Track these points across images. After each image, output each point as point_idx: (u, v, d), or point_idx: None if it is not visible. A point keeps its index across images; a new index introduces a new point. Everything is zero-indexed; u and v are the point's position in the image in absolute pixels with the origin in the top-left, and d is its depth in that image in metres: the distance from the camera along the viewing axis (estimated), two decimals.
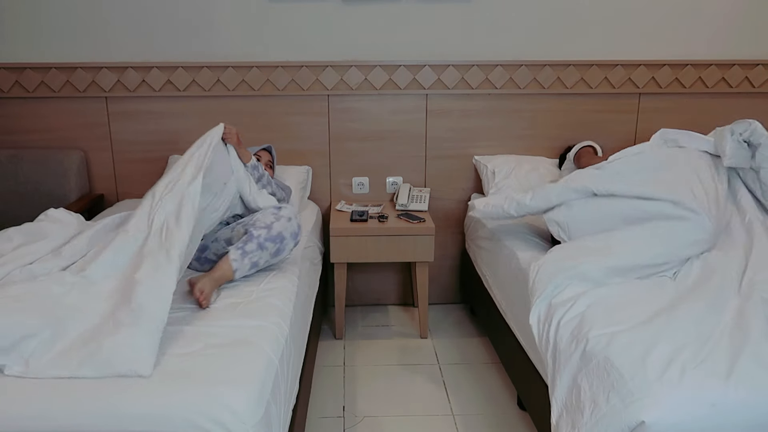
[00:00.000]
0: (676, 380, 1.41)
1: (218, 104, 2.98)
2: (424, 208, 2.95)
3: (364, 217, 2.79)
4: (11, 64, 2.87)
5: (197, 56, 2.93)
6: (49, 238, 1.99)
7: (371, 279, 3.25)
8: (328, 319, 3.13)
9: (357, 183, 3.12)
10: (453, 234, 3.21)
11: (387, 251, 2.75)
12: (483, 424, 2.26)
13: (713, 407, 1.36)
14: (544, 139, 3.09)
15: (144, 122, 2.99)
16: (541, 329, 1.81)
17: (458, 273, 3.28)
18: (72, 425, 1.33)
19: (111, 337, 1.47)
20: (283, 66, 2.93)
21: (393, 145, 3.08)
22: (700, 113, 3.10)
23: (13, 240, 1.97)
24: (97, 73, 2.90)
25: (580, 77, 3.00)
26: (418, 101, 3.03)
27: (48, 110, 2.95)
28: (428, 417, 2.30)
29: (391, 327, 3.06)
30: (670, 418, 1.35)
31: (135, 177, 3.03)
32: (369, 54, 2.97)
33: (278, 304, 1.85)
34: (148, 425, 1.33)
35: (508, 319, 2.33)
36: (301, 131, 3.04)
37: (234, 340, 1.59)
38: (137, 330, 1.49)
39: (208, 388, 1.38)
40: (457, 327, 3.06)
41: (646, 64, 3.00)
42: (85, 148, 3.00)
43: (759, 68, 3.04)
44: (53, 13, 2.87)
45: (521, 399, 2.27)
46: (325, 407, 2.36)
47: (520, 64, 2.97)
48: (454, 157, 3.11)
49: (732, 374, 1.41)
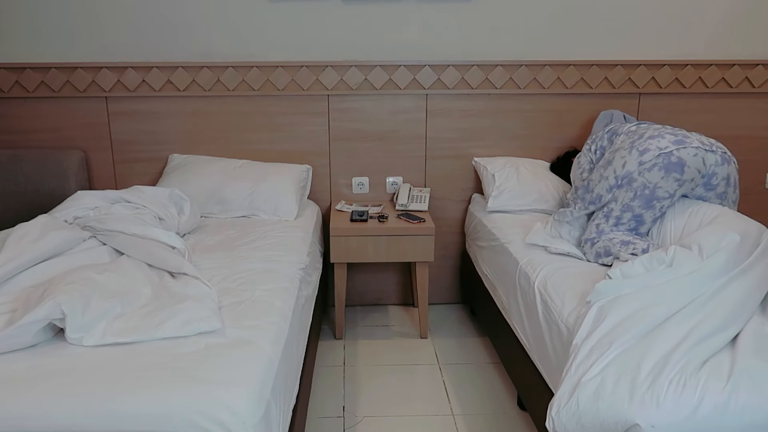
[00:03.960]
0: (673, 383, 1.41)
1: (218, 104, 2.98)
2: (424, 208, 2.95)
3: (364, 217, 2.79)
4: (11, 64, 2.87)
5: (197, 56, 2.93)
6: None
7: (371, 279, 3.25)
8: (328, 319, 3.13)
9: (357, 183, 3.12)
10: (453, 234, 3.21)
11: (387, 251, 2.75)
12: (483, 424, 2.26)
13: (714, 408, 1.37)
14: (544, 139, 3.09)
15: (144, 122, 2.99)
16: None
17: (458, 273, 3.28)
18: (72, 425, 1.33)
19: (180, 304, 1.66)
20: (283, 66, 2.93)
21: (393, 145, 3.08)
22: (700, 113, 3.10)
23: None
24: (97, 73, 2.90)
25: (580, 77, 3.00)
26: (418, 101, 3.03)
27: (48, 110, 2.95)
28: (428, 417, 2.30)
29: (391, 327, 3.06)
30: (665, 421, 1.36)
31: (135, 177, 3.03)
32: (369, 54, 2.97)
33: (278, 304, 1.85)
34: (148, 425, 1.33)
35: (508, 319, 2.33)
36: (301, 131, 3.04)
37: (234, 340, 1.59)
38: (199, 303, 1.69)
39: (208, 388, 1.38)
40: (457, 327, 3.06)
41: (646, 64, 3.00)
42: (85, 148, 3.00)
43: (759, 68, 3.04)
44: (53, 13, 2.87)
45: (521, 399, 2.27)
46: (325, 407, 2.36)
47: (520, 64, 2.97)
48: (454, 157, 3.11)
49: (732, 376, 1.42)
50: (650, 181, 2.16)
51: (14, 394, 1.37)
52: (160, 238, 2.08)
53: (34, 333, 1.51)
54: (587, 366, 1.54)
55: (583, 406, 1.46)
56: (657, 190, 2.17)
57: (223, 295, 1.87)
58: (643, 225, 2.22)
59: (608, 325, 1.63)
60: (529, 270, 2.17)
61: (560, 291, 1.96)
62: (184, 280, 1.88)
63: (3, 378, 1.41)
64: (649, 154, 2.17)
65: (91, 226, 2.15)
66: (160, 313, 1.64)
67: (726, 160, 2.20)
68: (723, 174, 2.20)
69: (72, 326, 1.52)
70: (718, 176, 2.20)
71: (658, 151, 2.16)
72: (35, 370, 1.44)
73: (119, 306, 1.66)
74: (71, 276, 1.70)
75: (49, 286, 1.65)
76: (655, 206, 2.19)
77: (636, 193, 2.19)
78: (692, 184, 2.19)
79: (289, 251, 2.30)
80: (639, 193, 2.18)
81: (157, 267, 1.96)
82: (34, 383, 1.39)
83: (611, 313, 1.66)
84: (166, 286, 1.85)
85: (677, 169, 2.14)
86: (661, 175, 2.15)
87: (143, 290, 1.79)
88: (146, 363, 1.46)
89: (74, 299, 1.55)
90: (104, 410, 1.34)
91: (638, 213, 2.20)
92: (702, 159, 2.16)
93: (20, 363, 1.47)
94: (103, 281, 1.72)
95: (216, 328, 1.61)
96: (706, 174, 2.18)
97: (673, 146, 2.16)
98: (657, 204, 2.19)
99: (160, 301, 1.74)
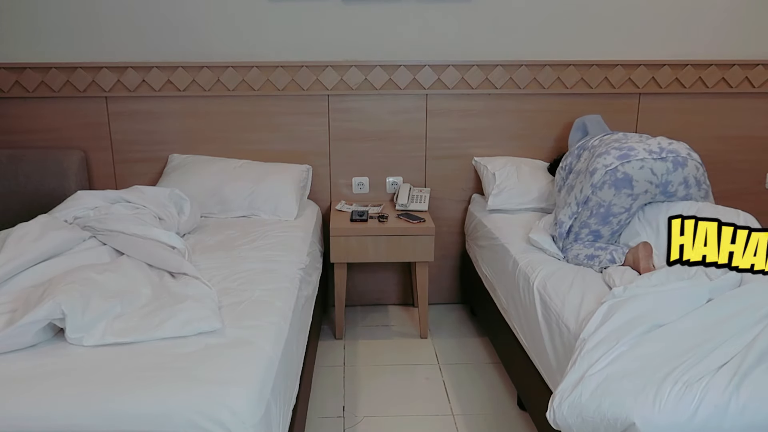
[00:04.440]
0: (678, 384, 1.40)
1: (218, 104, 2.98)
2: (424, 208, 2.95)
3: (364, 217, 2.79)
4: (11, 64, 2.87)
5: (197, 56, 2.93)
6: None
7: (371, 279, 3.25)
8: (328, 319, 3.13)
9: (357, 183, 3.12)
10: (453, 234, 3.21)
11: (387, 251, 2.75)
12: (483, 424, 2.26)
13: (716, 409, 1.37)
14: (544, 139, 3.09)
15: (144, 122, 2.99)
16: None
17: (458, 273, 3.28)
18: (72, 425, 1.33)
19: (180, 304, 1.66)
20: (283, 66, 2.93)
21: (393, 145, 3.08)
22: (700, 113, 3.10)
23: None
24: (97, 73, 2.90)
25: (580, 77, 3.00)
26: (418, 101, 3.03)
27: (48, 110, 2.95)
28: (428, 417, 2.30)
29: (391, 327, 3.06)
30: (666, 421, 1.36)
31: (135, 177, 3.03)
32: (369, 54, 2.97)
33: (278, 304, 1.85)
34: (148, 425, 1.33)
35: (508, 319, 2.33)
36: (301, 131, 3.04)
37: (234, 340, 1.59)
38: (199, 303, 1.69)
39: (208, 388, 1.38)
40: (457, 327, 3.06)
41: (646, 64, 3.00)
42: (85, 148, 3.00)
43: (759, 68, 3.04)
44: (53, 13, 2.87)
45: (521, 399, 2.27)
46: (325, 407, 2.36)
47: (520, 64, 2.97)
48: (454, 157, 3.11)
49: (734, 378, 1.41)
50: (604, 200, 2.17)
51: (14, 394, 1.37)
52: (160, 238, 2.08)
53: (34, 333, 1.51)
54: (592, 361, 1.54)
55: (585, 400, 1.46)
56: (612, 207, 2.17)
57: (223, 295, 1.87)
58: (600, 239, 2.25)
59: (617, 321, 1.63)
60: (529, 270, 2.17)
61: (560, 291, 1.96)
62: (184, 280, 1.88)
63: (3, 378, 1.41)
64: (597, 174, 2.17)
65: (91, 226, 2.15)
66: (160, 313, 1.64)
67: (679, 163, 2.14)
68: (678, 179, 2.15)
69: (72, 326, 1.52)
70: (673, 183, 2.15)
71: (604, 169, 2.15)
72: (35, 370, 1.44)
73: (119, 306, 1.66)
74: (71, 276, 1.70)
75: (49, 286, 1.65)
76: (612, 221, 2.20)
77: (592, 212, 2.20)
78: (647, 195, 2.17)
79: (289, 251, 2.30)
80: (595, 212, 2.20)
81: (157, 267, 1.96)
82: (34, 383, 1.39)
83: (621, 310, 1.66)
84: (166, 286, 1.85)
85: (625, 184, 2.13)
86: (612, 192, 2.15)
87: (143, 290, 1.79)
88: (146, 363, 1.46)
89: (74, 299, 1.55)
90: (104, 410, 1.34)
91: (595, 229, 2.23)
92: (650, 170, 2.12)
93: (20, 363, 1.47)
94: (103, 281, 1.72)
95: (216, 328, 1.61)
96: (659, 183, 2.15)
97: (617, 162, 2.14)
98: (614, 219, 2.20)
99: (160, 301, 1.74)
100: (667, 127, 3.01)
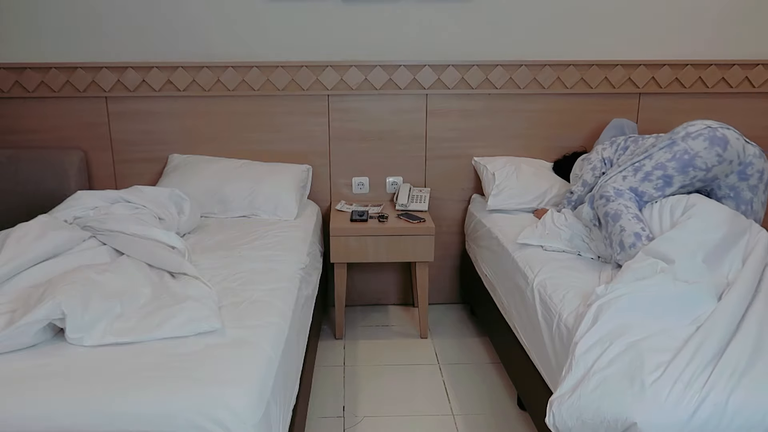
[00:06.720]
0: (677, 383, 1.41)
1: (218, 104, 2.98)
2: (424, 208, 2.95)
3: (364, 217, 2.79)
4: (11, 64, 2.87)
5: (197, 56, 2.93)
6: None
7: (371, 279, 3.25)
8: (328, 319, 3.13)
9: (357, 183, 3.12)
10: (453, 234, 3.21)
11: (387, 251, 2.75)
12: (483, 424, 2.26)
13: (716, 407, 1.37)
14: (544, 139, 3.09)
15: (144, 122, 2.99)
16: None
17: (458, 273, 3.28)
18: (72, 425, 1.33)
19: (180, 304, 1.66)
20: (283, 66, 2.93)
21: (393, 145, 3.08)
22: (700, 113, 3.09)
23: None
24: (97, 73, 2.90)
25: (580, 77, 3.00)
26: (418, 101, 3.03)
27: (48, 110, 2.95)
28: (428, 417, 2.30)
29: (391, 327, 3.06)
30: (666, 420, 1.36)
31: (135, 177, 3.03)
32: (369, 54, 2.97)
33: (278, 304, 1.85)
34: (148, 425, 1.33)
35: (508, 319, 2.33)
36: (301, 131, 3.04)
37: (234, 340, 1.59)
38: (199, 303, 1.69)
39: (208, 388, 1.38)
40: (457, 327, 3.06)
41: (646, 64, 3.00)
42: (85, 148, 3.00)
43: (759, 68, 3.04)
44: (53, 13, 2.87)
45: (521, 399, 2.27)
46: (325, 407, 2.36)
47: (520, 64, 2.97)
48: (454, 157, 3.11)
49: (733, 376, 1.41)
50: (692, 148, 2.15)
51: (14, 394, 1.37)
52: (160, 238, 2.08)
53: (34, 333, 1.51)
54: (589, 363, 1.54)
55: (584, 402, 1.47)
56: (696, 159, 2.15)
57: (223, 295, 1.87)
58: (670, 187, 2.17)
59: (609, 322, 1.63)
60: (528, 270, 2.17)
61: (559, 291, 1.96)
62: (184, 280, 1.88)
63: (3, 378, 1.41)
64: (695, 126, 2.19)
65: (91, 226, 2.15)
66: (160, 313, 1.64)
67: (763, 156, 2.22)
68: (759, 167, 2.21)
69: (72, 326, 1.52)
70: (754, 167, 2.20)
71: (703, 125, 2.19)
72: (35, 370, 1.44)
73: (119, 306, 1.66)
74: (71, 276, 1.70)
75: (49, 286, 1.65)
76: (689, 173, 2.16)
77: (675, 155, 2.17)
78: (730, 167, 2.18)
79: (289, 251, 2.31)
80: (678, 156, 2.16)
81: (157, 267, 1.96)
82: (34, 383, 1.39)
83: (611, 310, 1.66)
84: (166, 286, 1.85)
85: (721, 143, 2.14)
86: (705, 145, 2.14)
87: (143, 290, 1.79)
88: (146, 363, 1.46)
89: (74, 299, 1.55)
90: (104, 410, 1.34)
91: (670, 174, 2.16)
92: (743, 146, 2.19)
93: (20, 363, 1.47)
94: (103, 281, 1.72)
95: (216, 328, 1.61)
96: (743, 162, 2.19)
97: (716, 124, 2.19)
98: (692, 172, 2.16)
99: (160, 301, 1.74)
100: (667, 127, 2.99)
